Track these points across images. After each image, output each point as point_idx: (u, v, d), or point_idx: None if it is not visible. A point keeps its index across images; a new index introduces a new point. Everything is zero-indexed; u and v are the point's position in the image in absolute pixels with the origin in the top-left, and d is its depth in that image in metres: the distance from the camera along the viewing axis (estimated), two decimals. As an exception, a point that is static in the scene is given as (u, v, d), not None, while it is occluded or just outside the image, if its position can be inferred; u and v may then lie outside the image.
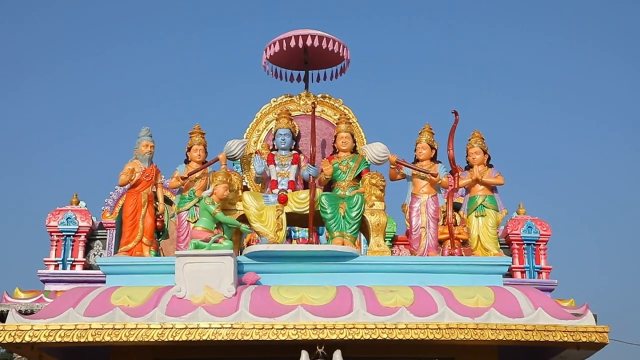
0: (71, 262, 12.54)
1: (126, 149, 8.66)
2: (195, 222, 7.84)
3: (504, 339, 6.69)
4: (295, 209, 8.05)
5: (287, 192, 8.09)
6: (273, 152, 8.46)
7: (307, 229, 8.60)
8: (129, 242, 7.99)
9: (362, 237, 9.98)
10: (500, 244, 8.95)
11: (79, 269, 12.55)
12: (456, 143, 8.25)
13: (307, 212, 7.98)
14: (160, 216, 8.35)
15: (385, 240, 8.18)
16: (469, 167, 8.36)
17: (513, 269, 12.38)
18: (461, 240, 8.67)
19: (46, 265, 12.58)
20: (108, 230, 12.94)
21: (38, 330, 6.65)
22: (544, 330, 6.69)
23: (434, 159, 8.37)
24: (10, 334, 6.66)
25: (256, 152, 8.59)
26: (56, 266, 12.52)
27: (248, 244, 10.16)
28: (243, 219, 8.01)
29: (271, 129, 8.72)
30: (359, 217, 7.97)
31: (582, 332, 6.69)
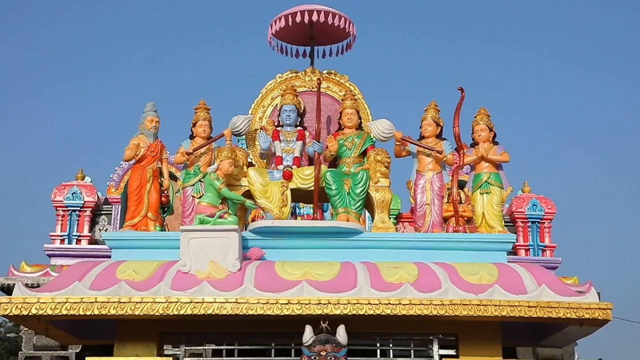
0: (77, 237, 12.61)
1: (131, 125, 8.65)
2: (200, 197, 7.85)
3: (507, 315, 6.71)
4: (300, 185, 8.05)
5: (292, 168, 8.09)
6: (278, 128, 8.45)
7: (311, 205, 8.62)
8: (134, 217, 8.01)
9: (367, 213, 9.98)
10: (505, 222, 8.95)
11: (84, 244, 12.61)
12: (462, 120, 8.23)
13: (312, 188, 7.98)
14: (166, 191, 8.36)
15: (389, 217, 8.19)
16: (474, 144, 8.34)
17: (517, 247, 12.40)
18: (466, 218, 8.67)
19: (52, 239, 12.65)
20: (113, 206, 12.98)
21: (44, 303, 6.70)
22: (547, 307, 6.70)
23: (439, 136, 8.35)
24: (16, 307, 6.70)
25: (261, 128, 8.58)
26: (62, 241, 12.58)
27: (253, 220, 10.18)
28: (248, 194, 8.02)
29: (276, 105, 8.70)
30: (363, 194, 7.97)
31: (585, 308, 6.69)
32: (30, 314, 6.71)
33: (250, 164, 8.45)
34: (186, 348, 7.40)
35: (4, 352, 26.42)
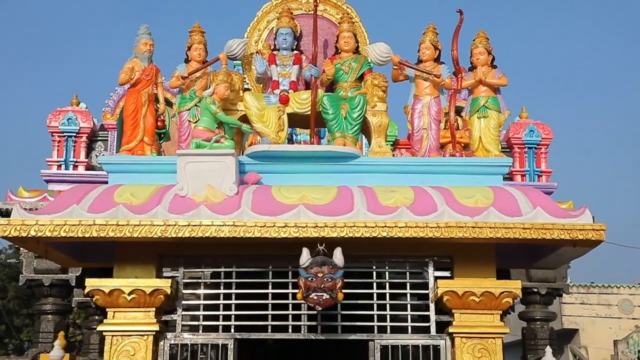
0: (73, 163, 12.59)
1: (126, 50, 8.53)
2: (196, 122, 7.81)
3: (502, 237, 6.77)
4: (297, 110, 8.00)
5: (288, 93, 8.03)
6: (274, 52, 8.34)
7: (308, 132, 8.58)
8: (130, 141, 7.99)
9: (364, 139, 9.96)
10: (502, 148, 8.93)
11: (81, 170, 12.61)
12: (460, 43, 8.12)
13: (309, 112, 7.93)
14: (162, 116, 8.31)
15: (386, 143, 8.18)
16: (472, 68, 8.26)
17: (513, 172, 12.44)
18: (463, 144, 8.67)
19: (49, 165, 12.63)
20: (109, 132, 12.91)
21: (43, 225, 6.73)
22: (542, 229, 6.75)
23: (437, 60, 8.25)
24: (15, 228, 6.74)
25: (257, 52, 8.47)
26: (59, 166, 12.55)
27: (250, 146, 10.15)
28: (244, 119, 7.98)
29: (272, 28, 8.56)
30: (360, 118, 7.94)
31: (579, 230, 6.75)
32: (29, 235, 6.75)
33: (246, 89, 8.38)
34: (185, 270, 7.51)
35: (5, 277, 26.83)
